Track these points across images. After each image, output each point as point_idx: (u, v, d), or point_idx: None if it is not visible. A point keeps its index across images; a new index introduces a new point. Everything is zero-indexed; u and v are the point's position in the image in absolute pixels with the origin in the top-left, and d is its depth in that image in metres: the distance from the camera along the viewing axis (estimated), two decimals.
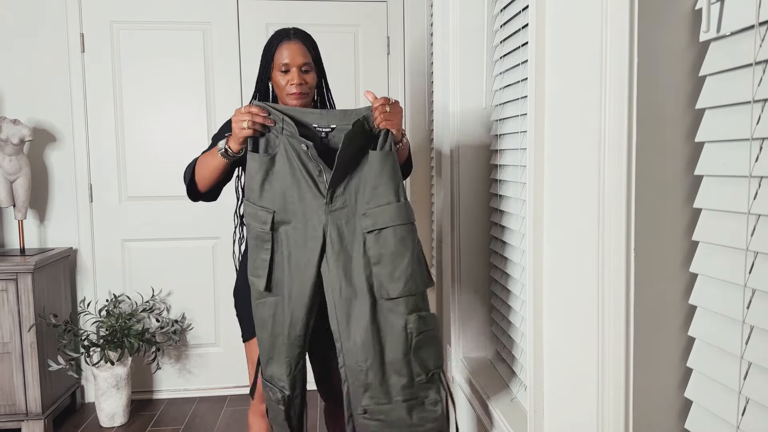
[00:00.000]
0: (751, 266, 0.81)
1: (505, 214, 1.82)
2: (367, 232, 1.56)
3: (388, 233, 1.55)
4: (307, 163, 1.57)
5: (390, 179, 1.56)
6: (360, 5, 3.24)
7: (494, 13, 1.87)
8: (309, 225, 1.59)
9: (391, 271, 1.55)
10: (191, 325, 3.28)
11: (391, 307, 1.55)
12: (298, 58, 1.76)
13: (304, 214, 1.59)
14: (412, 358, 1.55)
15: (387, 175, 1.56)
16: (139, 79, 3.16)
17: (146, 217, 3.22)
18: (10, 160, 2.88)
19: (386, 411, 1.57)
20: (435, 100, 2.37)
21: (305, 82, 1.77)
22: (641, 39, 0.91)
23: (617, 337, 0.97)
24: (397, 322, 1.55)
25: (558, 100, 1.21)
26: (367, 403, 1.57)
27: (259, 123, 1.58)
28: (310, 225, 1.59)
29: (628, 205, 0.94)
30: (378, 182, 1.56)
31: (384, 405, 1.57)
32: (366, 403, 1.57)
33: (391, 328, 1.56)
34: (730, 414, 0.84)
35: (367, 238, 1.56)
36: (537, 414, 1.33)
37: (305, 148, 1.56)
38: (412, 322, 1.54)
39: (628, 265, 0.95)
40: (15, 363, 2.74)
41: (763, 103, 0.78)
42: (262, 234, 1.61)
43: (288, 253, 1.60)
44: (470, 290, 2.06)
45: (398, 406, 1.56)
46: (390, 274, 1.55)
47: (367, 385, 1.56)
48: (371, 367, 1.55)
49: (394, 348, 1.55)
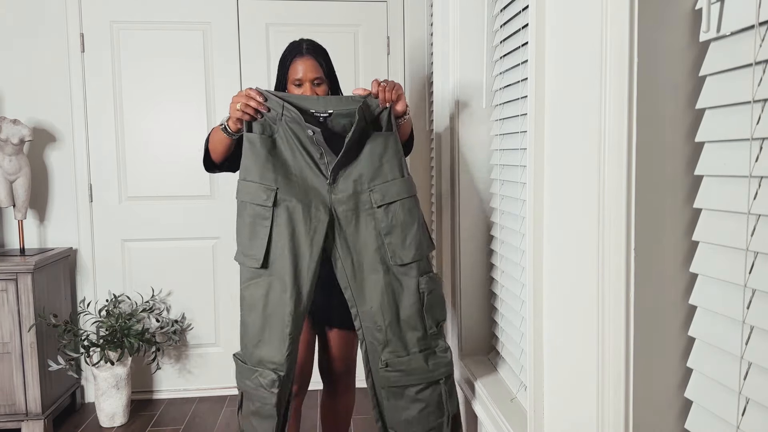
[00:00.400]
0: (751, 266, 0.81)
1: (505, 214, 1.82)
2: (377, 207, 1.70)
3: (396, 206, 1.71)
4: (309, 147, 1.69)
5: (393, 156, 1.71)
6: (360, 5, 3.24)
7: (494, 13, 1.87)
8: (313, 204, 1.70)
9: (402, 240, 1.71)
10: (191, 325, 3.28)
11: (405, 272, 1.73)
12: (309, 73, 1.86)
13: (307, 194, 1.70)
14: (425, 313, 1.74)
15: (391, 152, 1.71)
16: (139, 79, 3.16)
17: (146, 217, 3.22)
18: (10, 160, 2.88)
19: (406, 362, 1.74)
20: (435, 100, 2.37)
21: (317, 95, 1.85)
22: (641, 39, 0.91)
23: (617, 337, 0.97)
24: (411, 284, 1.73)
25: (558, 100, 1.21)
26: (387, 357, 1.73)
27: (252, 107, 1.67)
28: (314, 204, 1.70)
29: (628, 205, 0.94)
30: (383, 160, 1.70)
31: (403, 357, 1.74)
32: (386, 357, 1.73)
33: (407, 290, 1.73)
34: (730, 414, 0.84)
35: (377, 212, 1.70)
36: (537, 414, 1.33)
37: (311, 134, 1.65)
38: (424, 283, 1.73)
39: (628, 265, 0.95)
40: (15, 363, 2.74)
41: (763, 103, 0.78)
42: (261, 211, 1.68)
43: (291, 230, 1.69)
44: (470, 290, 2.06)
45: (416, 356, 1.74)
46: (401, 242, 1.71)
47: (386, 342, 1.73)
48: (390, 325, 1.72)
49: (410, 306, 1.73)
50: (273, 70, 3.22)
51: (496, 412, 1.65)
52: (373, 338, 1.74)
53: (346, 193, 1.70)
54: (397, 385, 1.75)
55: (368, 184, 1.70)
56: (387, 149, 1.71)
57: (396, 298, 1.74)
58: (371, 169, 1.70)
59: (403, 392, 1.75)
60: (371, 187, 1.70)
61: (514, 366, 1.77)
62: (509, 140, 1.77)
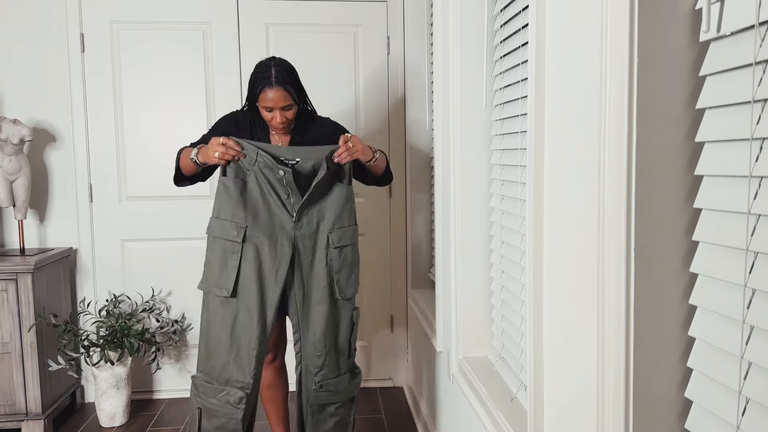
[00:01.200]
0: (751, 266, 0.81)
1: (505, 214, 1.82)
2: (333, 247, 1.99)
3: (348, 249, 2.02)
4: (278, 188, 1.94)
5: (351, 207, 2.02)
6: (360, 5, 3.24)
7: (494, 13, 1.87)
8: (278, 240, 1.95)
9: (348, 277, 2.02)
10: (191, 325, 3.28)
11: (344, 305, 2.03)
12: (279, 102, 1.98)
13: (274, 230, 1.95)
14: (351, 340, 2.05)
15: (350, 203, 2.02)
16: (139, 79, 3.16)
17: (146, 217, 3.22)
18: (10, 160, 2.88)
19: (335, 383, 2.05)
20: (435, 100, 2.37)
21: (286, 118, 2.02)
22: (641, 39, 0.91)
23: (617, 337, 0.97)
24: (346, 316, 2.03)
25: (558, 100, 1.21)
26: (321, 379, 2.03)
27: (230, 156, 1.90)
28: (279, 240, 1.95)
29: (628, 205, 0.94)
30: (344, 209, 2.00)
31: (334, 379, 2.05)
32: (320, 379, 2.03)
33: (344, 320, 2.02)
34: (730, 414, 0.84)
35: (332, 251, 1.99)
36: (537, 414, 1.33)
37: (282, 174, 1.91)
38: (354, 315, 2.06)
39: (628, 265, 0.95)
40: (15, 363, 2.74)
41: (763, 103, 0.78)
42: (231, 246, 1.92)
43: (258, 264, 1.93)
44: (470, 290, 2.06)
45: (343, 378, 2.07)
46: (347, 279, 2.02)
47: (322, 366, 2.02)
48: (328, 352, 2.01)
49: (344, 334, 2.03)
50: None
51: (496, 412, 1.65)
52: (310, 362, 2.02)
53: (309, 231, 1.97)
54: (324, 402, 2.05)
55: (330, 226, 1.98)
56: (348, 200, 2.00)
57: (336, 327, 2.02)
58: (334, 215, 1.98)
59: (324, 408, 2.06)
60: (332, 229, 1.98)
61: (514, 366, 1.77)
62: (509, 140, 1.77)
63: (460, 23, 1.97)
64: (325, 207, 1.97)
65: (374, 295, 3.42)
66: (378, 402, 3.25)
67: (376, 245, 3.38)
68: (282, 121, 2.01)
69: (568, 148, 1.16)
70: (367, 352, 3.45)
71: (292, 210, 1.94)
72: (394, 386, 3.45)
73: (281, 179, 1.91)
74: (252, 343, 1.91)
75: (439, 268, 2.40)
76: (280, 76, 1.98)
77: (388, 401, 3.26)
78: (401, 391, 3.40)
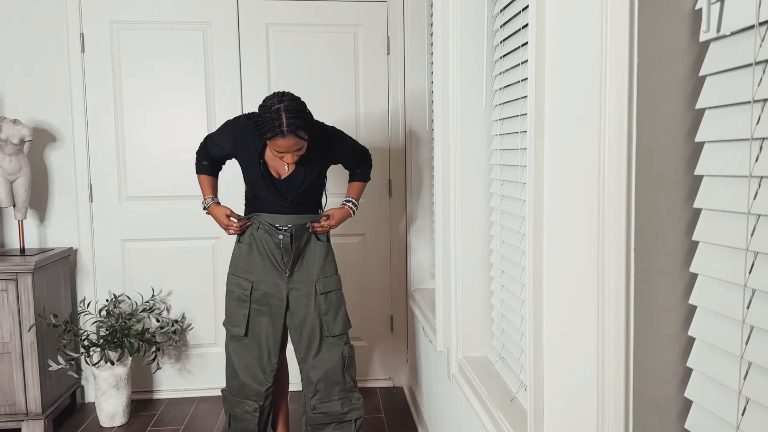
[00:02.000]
0: (751, 266, 0.81)
1: (505, 214, 1.82)
2: (320, 294, 2.35)
3: (332, 294, 2.38)
4: (274, 250, 2.31)
5: (332, 260, 2.39)
6: (360, 5, 3.24)
7: (494, 13, 1.87)
8: (276, 291, 2.35)
9: (334, 317, 2.37)
10: (191, 325, 3.28)
11: (335, 342, 2.38)
12: (291, 148, 2.09)
13: (274, 284, 2.35)
14: (345, 372, 2.38)
15: (330, 256, 2.38)
16: (139, 79, 3.16)
17: (146, 217, 3.22)
18: (10, 160, 2.88)
19: (327, 407, 2.38)
20: (435, 100, 2.37)
21: (299, 156, 2.16)
22: (641, 39, 0.91)
23: (617, 337, 0.97)
24: (336, 351, 2.38)
25: (558, 100, 1.21)
26: (315, 403, 2.38)
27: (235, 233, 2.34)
28: (276, 291, 2.35)
29: (628, 205, 0.94)
30: (326, 261, 2.37)
31: (326, 403, 2.38)
32: (314, 403, 2.38)
33: (335, 355, 2.38)
34: (730, 414, 0.84)
35: (319, 297, 2.35)
36: (537, 414, 1.33)
37: (281, 238, 2.29)
38: (346, 351, 2.39)
39: (628, 265, 0.95)
40: (15, 363, 2.74)
41: (763, 103, 0.78)
42: (243, 296, 2.36)
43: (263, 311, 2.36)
44: (470, 290, 2.06)
45: (335, 403, 2.38)
46: (333, 320, 2.37)
47: (316, 392, 2.37)
48: (320, 380, 2.37)
49: (335, 367, 2.37)
50: (273, 70, 3.22)
51: (496, 412, 1.65)
52: (306, 388, 2.39)
53: (298, 283, 2.35)
54: (320, 422, 2.38)
55: (316, 277, 2.34)
56: (328, 254, 2.37)
57: (327, 360, 2.36)
58: (318, 268, 2.35)
59: (323, 428, 2.39)
60: (318, 278, 2.34)
61: (514, 366, 1.77)
62: (509, 140, 1.77)
63: (460, 23, 1.97)
64: (311, 262, 2.34)
65: (374, 295, 3.42)
66: (378, 402, 3.25)
67: (376, 245, 3.38)
68: (294, 161, 2.15)
69: (568, 148, 1.16)
70: (367, 352, 3.45)
71: (286, 267, 2.32)
72: (394, 386, 3.45)
73: (279, 243, 2.29)
74: (263, 367, 2.37)
75: (439, 268, 2.40)
76: (292, 125, 2.02)
77: (388, 401, 3.26)
78: (401, 391, 3.40)
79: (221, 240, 3.25)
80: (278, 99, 2.05)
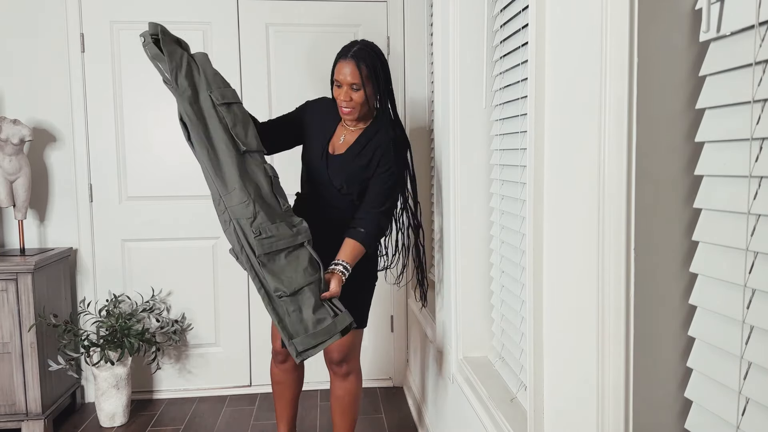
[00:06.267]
0: (751, 266, 0.81)
1: (505, 214, 1.82)
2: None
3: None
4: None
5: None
6: (360, 5, 3.24)
7: (494, 13, 1.87)
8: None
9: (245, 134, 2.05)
10: (191, 325, 3.28)
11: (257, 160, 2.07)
12: (348, 77, 2.05)
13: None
14: (275, 193, 2.04)
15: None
16: (139, 79, 3.16)
17: (146, 217, 3.22)
18: (10, 160, 2.88)
19: (275, 228, 1.97)
20: (435, 100, 2.37)
21: (351, 99, 2.07)
22: (641, 39, 0.91)
23: (617, 337, 0.98)
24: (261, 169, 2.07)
25: (558, 100, 1.21)
26: (258, 225, 1.96)
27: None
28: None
29: (628, 205, 0.94)
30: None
31: (272, 225, 1.98)
32: (256, 226, 1.96)
33: (261, 173, 2.03)
34: (730, 414, 0.84)
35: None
36: (537, 414, 1.33)
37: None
38: (269, 169, 2.05)
39: (628, 265, 0.95)
40: (15, 363, 2.74)
41: (763, 103, 0.78)
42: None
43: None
44: (470, 290, 2.06)
45: (281, 225, 2.00)
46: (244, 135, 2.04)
47: (255, 215, 1.95)
48: (255, 199, 1.97)
49: (265, 186, 2.02)
50: (273, 70, 3.22)
51: (496, 412, 1.65)
52: (241, 215, 1.93)
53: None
54: (269, 251, 1.95)
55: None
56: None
57: (255, 179, 1.98)
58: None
59: (275, 257, 1.97)
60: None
61: (514, 366, 1.77)
62: (509, 140, 1.77)
63: (460, 23, 1.97)
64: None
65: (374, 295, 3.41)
66: (378, 402, 3.25)
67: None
68: (346, 99, 2.07)
69: (568, 147, 1.16)
70: (367, 352, 3.45)
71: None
72: (394, 386, 3.45)
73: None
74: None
75: (439, 268, 2.40)
76: (359, 53, 2.05)
77: (388, 401, 3.26)
78: (401, 391, 3.40)
79: (221, 240, 3.25)
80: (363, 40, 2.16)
